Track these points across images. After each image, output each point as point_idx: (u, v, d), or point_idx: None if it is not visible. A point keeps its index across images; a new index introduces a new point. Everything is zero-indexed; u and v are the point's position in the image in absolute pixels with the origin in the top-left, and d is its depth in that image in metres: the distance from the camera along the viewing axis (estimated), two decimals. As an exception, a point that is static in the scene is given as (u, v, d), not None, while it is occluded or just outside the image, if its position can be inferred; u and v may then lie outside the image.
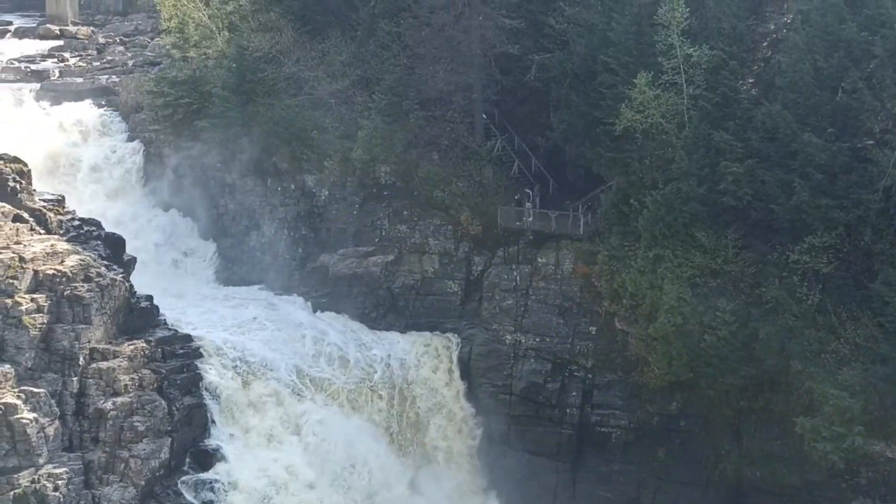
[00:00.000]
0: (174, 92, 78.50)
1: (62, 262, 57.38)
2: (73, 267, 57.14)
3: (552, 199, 69.14)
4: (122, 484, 54.44)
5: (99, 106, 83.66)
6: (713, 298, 59.11)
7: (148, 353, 57.84)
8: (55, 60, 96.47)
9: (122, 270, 60.44)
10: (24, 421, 51.67)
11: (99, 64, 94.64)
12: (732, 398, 60.47)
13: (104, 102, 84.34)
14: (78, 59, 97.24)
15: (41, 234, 59.33)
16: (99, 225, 63.67)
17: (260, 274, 73.48)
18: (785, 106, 58.41)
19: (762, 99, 60.46)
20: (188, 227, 77.46)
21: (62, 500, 52.01)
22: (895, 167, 55.14)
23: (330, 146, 71.72)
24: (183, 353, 59.46)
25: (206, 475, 57.02)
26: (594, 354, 65.05)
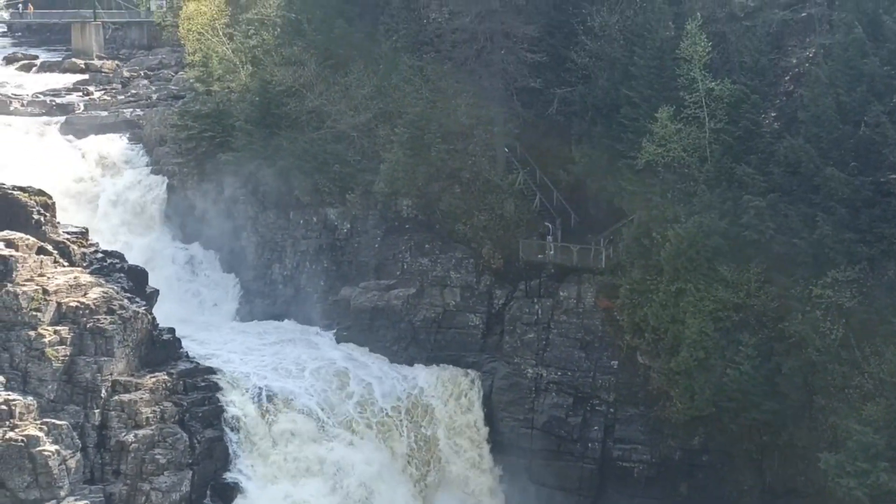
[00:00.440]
0: (198, 125, 79.06)
1: (85, 294, 57.63)
2: (95, 299, 57.37)
3: (574, 232, 69.02)
4: (142, 517, 54.48)
5: (123, 139, 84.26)
6: (736, 332, 58.86)
7: (170, 385, 57.92)
8: (80, 94, 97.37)
9: (144, 303, 60.69)
10: (46, 453, 51.72)
11: (123, 97, 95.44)
12: (755, 433, 60.08)
13: (128, 136, 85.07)
14: (102, 92, 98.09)
15: (65, 266, 59.62)
16: (122, 257, 64.03)
17: (282, 307, 73.60)
18: (808, 140, 58.31)
19: (784, 133, 60.36)
20: (210, 259, 77.75)
21: (83, 532, 52.03)
22: (919, 201, 54.95)
23: (352, 179, 71.98)
24: (204, 385, 59.54)
25: (226, 509, 57.05)
26: (616, 388, 64.79)
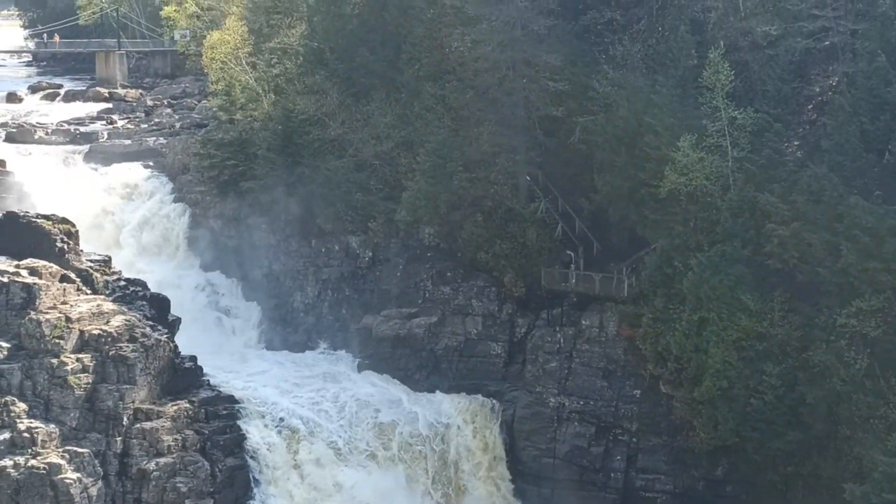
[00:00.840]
0: (220, 153, 79.43)
1: (108, 322, 57.82)
2: (118, 327, 57.55)
3: (596, 260, 68.83)
4: (163, 545, 54.49)
5: (146, 167, 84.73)
6: (759, 362, 58.49)
7: (191, 413, 57.98)
8: (104, 122, 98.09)
9: (166, 331, 60.77)
10: (67, 481, 51.87)
11: (147, 126, 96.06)
12: (779, 463, 59.60)
13: (151, 164, 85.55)
14: (126, 121, 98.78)
15: (87, 294, 59.87)
16: (144, 285, 64.19)
17: (303, 335, 73.59)
18: (831, 168, 58.10)
19: (808, 161, 60.18)
20: (232, 287, 77.88)
21: (104, 561, 52.08)
22: (944, 230, 54.60)
23: (374, 207, 72.08)
24: (226, 413, 59.54)
25: (247, 537, 57.02)
26: (639, 418, 64.45)
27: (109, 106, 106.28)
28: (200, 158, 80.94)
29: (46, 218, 61.91)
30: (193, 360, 61.44)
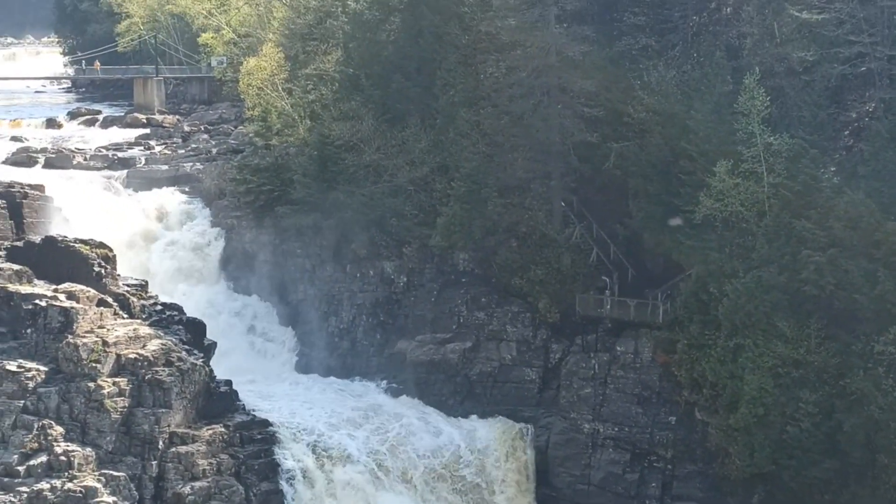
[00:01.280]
0: (256, 179, 79.80)
1: (144, 346, 58.12)
2: (154, 351, 57.84)
3: (631, 286, 68.64)
4: (198, 569, 54.58)
5: (183, 192, 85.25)
6: (796, 389, 58.11)
7: (226, 437, 58.12)
8: (141, 148, 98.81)
9: (202, 355, 61.03)
10: (103, 504, 52.07)
11: (183, 151, 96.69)
12: (816, 491, 59.07)
13: (188, 189, 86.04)
14: (163, 146, 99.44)
15: (124, 318, 60.27)
16: (181, 310, 64.50)
17: (338, 360, 73.71)
18: (868, 194, 57.82)
19: (844, 187, 59.85)
20: (267, 312, 78.15)
21: (139, 584, 52.21)
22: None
23: (408, 233, 72.23)
24: (261, 438, 59.64)
25: (281, 562, 57.04)
26: (674, 445, 64.13)
27: (147, 131, 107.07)
28: (237, 184, 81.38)
29: (84, 242, 62.43)
30: (229, 384, 61.62)
